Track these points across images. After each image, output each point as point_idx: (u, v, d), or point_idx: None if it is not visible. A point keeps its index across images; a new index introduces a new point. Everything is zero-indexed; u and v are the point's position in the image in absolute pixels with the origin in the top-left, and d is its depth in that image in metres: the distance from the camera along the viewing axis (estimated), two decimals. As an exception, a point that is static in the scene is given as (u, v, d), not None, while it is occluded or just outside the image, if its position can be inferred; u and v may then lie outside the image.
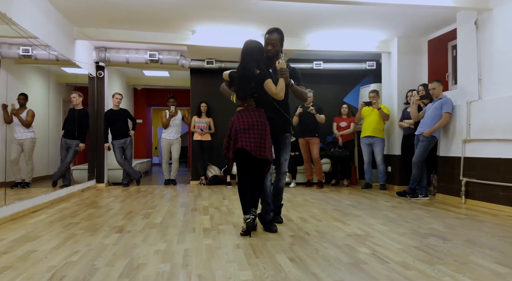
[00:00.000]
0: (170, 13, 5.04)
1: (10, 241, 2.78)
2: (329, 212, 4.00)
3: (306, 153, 6.35)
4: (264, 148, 2.90)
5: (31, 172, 5.75)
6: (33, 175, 5.81)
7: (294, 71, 3.32)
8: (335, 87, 7.41)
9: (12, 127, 5.71)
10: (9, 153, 5.61)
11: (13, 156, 5.62)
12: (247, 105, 2.99)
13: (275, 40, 3.22)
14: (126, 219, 3.63)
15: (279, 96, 2.90)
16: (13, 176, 5.65)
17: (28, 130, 5.73)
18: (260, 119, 2.94)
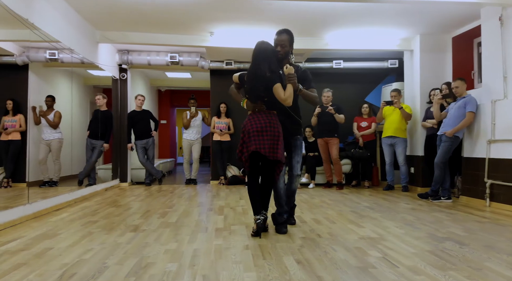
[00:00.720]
0: (188, 16, 5.11)
1: (29, 238, 2.90)
2: (345, 214, 3.94)
3: (325, 154, 6.27)
4: (277, 149, 2.90)
5: (59, 171, 5.98)
6: (60, 175, 6.04)
7: (304, 73, 3.28)
8: (356, 86, 7.29)
9: (40, 128, 5.96)
10: (38, 153, 5.87)
11: (41, 156, 5.87)
12: (258, 110, 2.98)
13: (284, 41, 3.14)
14: (142, 218, 3.71)
15: (287, 102, 2.89)
16: (41, 175, 5.91)
17: (55, 131, 5.96)
18: (272, 121, 2.93)
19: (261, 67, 2.91)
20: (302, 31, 5.74)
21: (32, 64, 5.65)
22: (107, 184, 6.47)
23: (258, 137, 2.88)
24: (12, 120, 5.55)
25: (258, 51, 2.98)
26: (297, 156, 3.29)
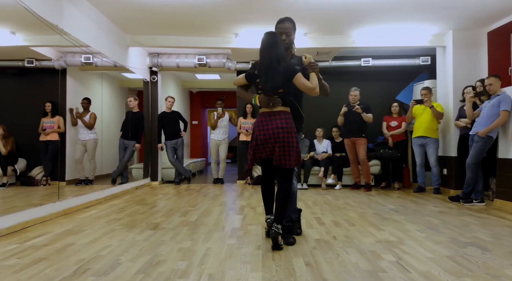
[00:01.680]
0: (213, 18, 5.19)
1: (55, 234, 3.06)
2: (367, 216, 3.84)
3: (352, 154, 6.14)
4: (289, 156, 2.68)
5: (94, 170, 6.26)
6: (95, 173, 6.33)
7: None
8: (386, 84, 7.08)
9: (77, 129, 6.28)
10: (74, 153, 6.18)
11: (77, 156, 6.18)
12: (272, 105, 2.73)
13: (288, 28, 2.92)
14: (164, 217, 3.80)
15: (316, 91, 2.74)
16: (78, 174, 6.22)
17: (91, 131, 6.25)
18: (283, 125, 2.68)
19: (276, 58, 2.70)
20: (327, 29, 5.67)
21: (69, 68, 5.96)
22: (138, 182, 6.69)
23: (268, 144, 2.71)
24: (51, 121, 5.87)
25: (272, 43, 2.75)
26: None
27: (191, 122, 10.91)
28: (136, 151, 6.80)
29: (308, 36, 5.93)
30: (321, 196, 5.37)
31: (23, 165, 5.74)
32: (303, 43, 5.97)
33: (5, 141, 5.39)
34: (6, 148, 5.38)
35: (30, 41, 4.86)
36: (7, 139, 5.41)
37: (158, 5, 4.74)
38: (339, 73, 7.08)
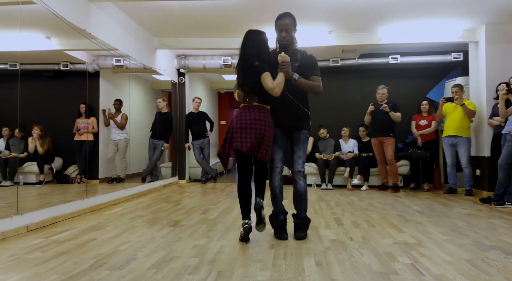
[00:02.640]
0: (235, 19, 5.24)
1: (80, 229, 3.21)
2: (389, 218, 3.75)
3: (379, 154, 6.00)
4: (260, 148, 2.71)
5: (125, 169, 6.49)
6: (126, 172, 6.55)
7: (310, 59, 2.95)
8: (416, 82, 6.86)
9: (109, 129, 6.54)
10: (107, 152, 6.43)
11: (109, 155, 6.43)
12: (249, 100, 2.74)
13: (288, 25, 2.87)
14: (185, 214, 3.89)
15: (275, 92, 2.66)
16: (110, 173, 6.47)
17: (122, 131, 6.49)
18: (260, 117, 2.70)
19: (249, 56, 2.70)
20: (352, 27, 5.57)
21: (102, 71, 6.21)
22: (165, 181, 6.86)
23: (241, 134, 2.69)
24: (85, 122, 6.14)
25: (247, 40, 2.77)
26: (299, 151, 2.98)
27: (219, 122, 11.05)
28: (164, 150, 6.97)
29: (332, 34, 5.85)
30: (345, 197, 5.28)
31: (59, 163, 6.04)
32: (328, 41, 5.90)
33: (42, 141, 5.68)
34: (43, 148, 5.67)
35: (63, 45, 5.10)
36: (44, 139, 5.70)
37: (182, 8, 4.85)
38: (366, 71, 6.94)
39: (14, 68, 5.72)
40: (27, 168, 5.67)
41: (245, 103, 2.78)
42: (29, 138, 5.71)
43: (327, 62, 6.82)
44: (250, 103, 2.76)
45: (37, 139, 5.67)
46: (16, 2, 3.21)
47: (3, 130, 5.71)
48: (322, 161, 6.27)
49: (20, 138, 5.71)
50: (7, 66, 5.71)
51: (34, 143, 5.70)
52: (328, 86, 7.09)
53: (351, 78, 7.07)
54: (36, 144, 5.68)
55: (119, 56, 5.71)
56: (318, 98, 7.05)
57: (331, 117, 6.97)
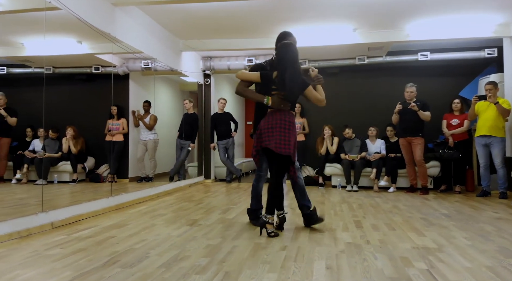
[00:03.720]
0: (258, 19, 5.24)
1: (102, 227, 3.31)
2: (412, 221, 3.61)
3: (408, 155, 5.80)
4: (286, 144, 2.96)
5: (154, 168, 6.66)
6: (155, 171, 6.73)
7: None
8: (447, 79, 6.58)
9: (139, 130, 6.73)
10: (136, 152, 6.63)
11: (139, 155, 6.62)
12: (283, 106, 3.03)
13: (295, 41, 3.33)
14: (205, 213, 3.93)
15: (324, 103, 3.09)
16: (139, 172, 6.67)
17: (151, 132, 6.67)
18: (285, 119, 3.01)
19: (298, 72, 3.01)
20: (378, 24, 5.43)
21: (132, 73, 6.42)
22: (191, 180, 6.97)
23: (268, 133, 2.98)
24: (116, 123, 6.36)
25: (294, 54, 3.04)
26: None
27: (246, 122, 11.08)
28: (191, 150, 7.09)
29: (357, 32, 5.72)
30: (370, 198, 5.15)
31: (92, 163, 6.28)
32: (353, 39, 5.78)
33: (75, 141, 5.94)
34: (76, 148, 5.93)
35: (93, 49, 5.29)
36: (77, 140, 5.95)
37: (206, 10, 4.90)
38: (394, 69, 6.74)
39: (49, 72, 6.01)
40: (61, 167, 5.94)
41: (276, 108, 3.04)
42: (63, 139, 5.98)
43: (353, 60, 6.68)
44: (284, 109, 3.04)
45: (70, 140, 5.92)
46: (41, 8, 3.36)
47: (39, 131, 6.01)
48: (348, 161, 6.14)
49: (55, 138, 5.99)
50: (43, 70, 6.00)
51: (68, 144, 5.96)
52: (354, 85, 7.02)
53: (378, 76, 6.88)
54: (69, 144, 5.94)
55: (146, 58, 5.86)
56: (344, 97, 6.96)
57: (357, 116, 6.82)
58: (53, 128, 5.99)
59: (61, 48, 5.24)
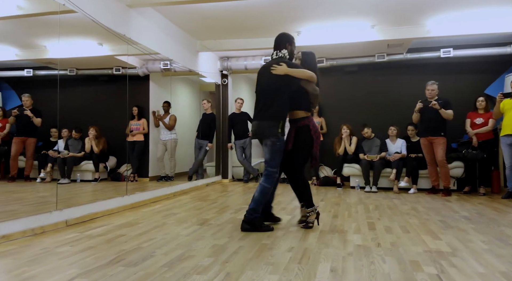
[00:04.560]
0: (274, 18, 5.21)
1: (114, 225, 3.36)
2: (429, 223, 3.48)
3: (429, 155, 5.60)
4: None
5: (174, 167, 6.74)
6: (175, 171, 6.81)
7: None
8: (471, 77, 6.32)
9: (159, 130, 6.84)
10: (156, 152, 6.73)
11: (159, 154, 6.72)
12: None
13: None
14: (217, 213, 3.92)
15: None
16: (159, 171, 6.77)
17: (171, 132, 6.75)
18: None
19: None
20: (397, 20, 5.27)
21: (152, 74, 6.52)
22: (209, 179, 7.01)
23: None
24: (137, 123, 6.48)
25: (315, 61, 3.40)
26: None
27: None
28: (208, 150, 7.13)
29: (375, 29, 5.59)
30: (388, 200, 5.02)
31: (114, 162, 6.42)
32: (371, 36, 5.65)
33: (98, 141, 6.07)
34: (98, 147, 6.06)
35: (114, 51, 5.40)
36: (99, 139, 6.09)
37: (221, 10, 4.91)
38: (416, 66, 6.55)
39: (73, 74, 6.18)
40: (84, 167, 6.09)
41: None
42: (86, 139, 6.13)
43: (372, 58, 6.53)
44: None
45: (93, 140, 6.07)
46: (55, 11, 3.44)
47: (62, 132, 6.19)
48: (366, 162, 6.00)
49: (78, 138, 6.15)
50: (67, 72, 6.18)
51: (90, 143, 6.11)
52: (373, 83, 6.85)
53: (398, 74, 6.69)
54: (92, 144, 6.09)
55: (163, 60, 5.94)
56: (362, 96, 6.82)
57: (377, 115, 6.66)
58: (76, 128, 6.16)
59: (83, 50, 5.37)
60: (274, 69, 3.13)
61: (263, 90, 3.22)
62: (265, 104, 3.16)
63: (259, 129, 3.19)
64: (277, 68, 3.12)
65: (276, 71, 3.12)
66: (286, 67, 3.12)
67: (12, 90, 5.49)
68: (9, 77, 5.33)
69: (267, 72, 3.20)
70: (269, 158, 3.17)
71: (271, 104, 3.14)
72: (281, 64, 3.13)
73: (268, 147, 3.16)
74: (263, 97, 3.21)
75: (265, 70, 3.25)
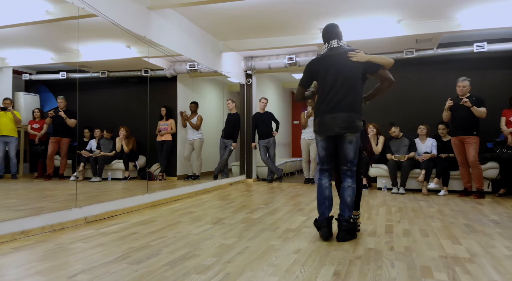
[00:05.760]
0: (296, 16, 5.13)
1: (130, 223, 3.44)
2: (453, 227, 3.30)
3: (460, 156, 5.31)
4: None
5: (200, 167, 6.84)
6: (202, 170, 6.90)
7: None
8: (507, 72, 5.93)
9: (186, 130, 6.96)
10: (184, 151, 6.86)
11: (186, 154, 6.84)
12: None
13: None
14: (232, 212, 3.92)
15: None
16: (186, 170, 6.90)
17: (198, 132, 6.86)
18: None
19: None
20: (424, 13, 5.05)
21: (179, 75, 6.65)
22: (232, 179, 7.04)
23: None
24: (165, 124, 6.63)
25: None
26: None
27: (293, 122, 10.94)
28: (233, 150, 7.16)
29: (402, 23, 5.37)
30: (414, 202, 4.81)
31: (143, 161, 6.60)
32: (397, 31, 5.44)
33: (127, 141, 6.27)
34: (128, 147, 6.25)
35: (141, 53, 5.54)
36: (129, 139, 6.29)
37: (242, 9, 4.91)
38: (447, 62, 6.24)
39: (104, 76, 6.41)
40: (115, 166, 6.31)
41: None
42: (117, 138, 6.35)
43: (400, 54, 6.29)
44: None
45: (123, 139, 6.27)
46: (74, 16, 3.56)
47: (95, 132, 6.45)
48: (394, 162, 5.78)
49: (109, 138, 6.38)
50: (99, 74, 6.42)
51: (120, 143, 6.32)
52: (402, 80, 6.59)
53: (429, 70, 6.41)
54: (122, 144, 6.29)
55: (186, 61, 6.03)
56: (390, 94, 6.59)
57: (406, 114, 6.41)
58: (107, 128, 6.39)
59: (112, 53, 5.56)
60: (353, 56, 2.88)
61: (344, 79, 2.87)
62: (346, 94, 2.85)
63: (347, 123, 2.83)
64: (357, 55, 2.88)
65: (356, 58, 2.87)
66: (364, 54, 2.91)
67: (50, 93, 5.77)
68: (47, 80, 5.61)
69: (340, 61, 2.90)
70: (354, 157, 2.90)
71: (353, 94, 2.87)
72: (358, 51, 2.91)
73: (353, 144, 2.88)
74: (342, 87, 2.86)
75: (333, 59, 2.94)
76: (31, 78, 5.48)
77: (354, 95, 2.88)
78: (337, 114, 2.85)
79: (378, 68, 2.93)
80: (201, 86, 7.73)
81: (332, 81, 2.90)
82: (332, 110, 2.87)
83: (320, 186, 2.98)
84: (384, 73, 2.97)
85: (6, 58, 4.90)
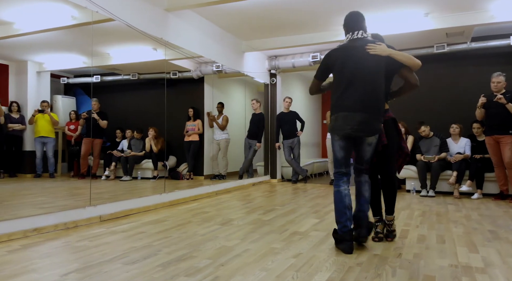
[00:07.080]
0: (318, 12, 5.01)
1: (142, 222, 3.48)
2: (475, 233, 3.06)
3: (495, 156, 4.95)
4: None
5: (226, 166, 6.88)
6: (228, 169, 6.94)
7: None
8: (549, 66, 5.45)
9: (213, 130, 7.04)
10: (210, 151, 6.95)
11: (212, 154, 6.92)
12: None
13: None
14: (245, 213, 3.87)
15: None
16: (213, 170, 6.97)
17: (224, 132, 6.91)
18: None
19: None
20: (454, 5, 4.75)
21: (206, 77, 6.73)
22: (255, 179, 7.00)
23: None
24: (192, 124, 6.74)
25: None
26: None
27: (322, 121, 10.71)
28: (257, 150, 7.13)
29: (430, 16, 5.09)
30: (442, 206, 4.53)
31: (173, 161, 6.75)
32: (425, 25, 5.15)
33: (156, 141, 6.42)
34: (157, 147, 6.40)
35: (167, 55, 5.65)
36: (158, 139, 6.44)
37: (262, 8, 4.85)
38: (482, 56, 5.84)
39: (135, 78, 6.61)
40: (144, 165, 6.48)
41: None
42: (146, 139, 6.53)
43: (430, 49, 5.96)
44: None
45: (152, 140, 6.43)
46: (88, 22, 3.66)
47: (126, 132, 6.66)
48: (423, 163, 5.48)
49: (139, 139, 6.57)
50: (129, 76, 6.62)
51: (149, 143, 6.48)
52: (432, 77, 6.25)
53: (462, 65, 6.02)
54: (151, 144, 6.45)
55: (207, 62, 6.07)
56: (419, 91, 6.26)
57: (437, 112, 6.07)
58: (138, 129, 6.59)
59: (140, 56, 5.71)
60: (373, 49, 2.56)
61: (363, 73, 2.55)
62: (365, 91, 2.54)
63: (370, 126, 2.56)
64: (376, 47, 2.56)
65: (376, 50, 2.55)
66: (386, 47, 2.60)
67: (85, 95, 6.02)
68: (82, 83, 5.86)
69: (359, 54, 2.58)
70: (369, 158, 2.73)
71: (372, 91, 2.56)
72: (379, 43, 2.59)
73: (372, 146, 2.67)
74: (360, 83, 2.54)
75: (353, 51, 2.60)
76: (68, 81, 5.75)
77: (374, 92, 2.56)
78: (353, 113, 2.54)
79: (399, 66, 2.64)
80: (227, 87, 7.76)
81: (350, 75, 2.56)
82: (347, 108, 2.55)
83: (338, 194, 2.61)
84: (407, 74, 2.67)
85: (44, 62, 5.16)
